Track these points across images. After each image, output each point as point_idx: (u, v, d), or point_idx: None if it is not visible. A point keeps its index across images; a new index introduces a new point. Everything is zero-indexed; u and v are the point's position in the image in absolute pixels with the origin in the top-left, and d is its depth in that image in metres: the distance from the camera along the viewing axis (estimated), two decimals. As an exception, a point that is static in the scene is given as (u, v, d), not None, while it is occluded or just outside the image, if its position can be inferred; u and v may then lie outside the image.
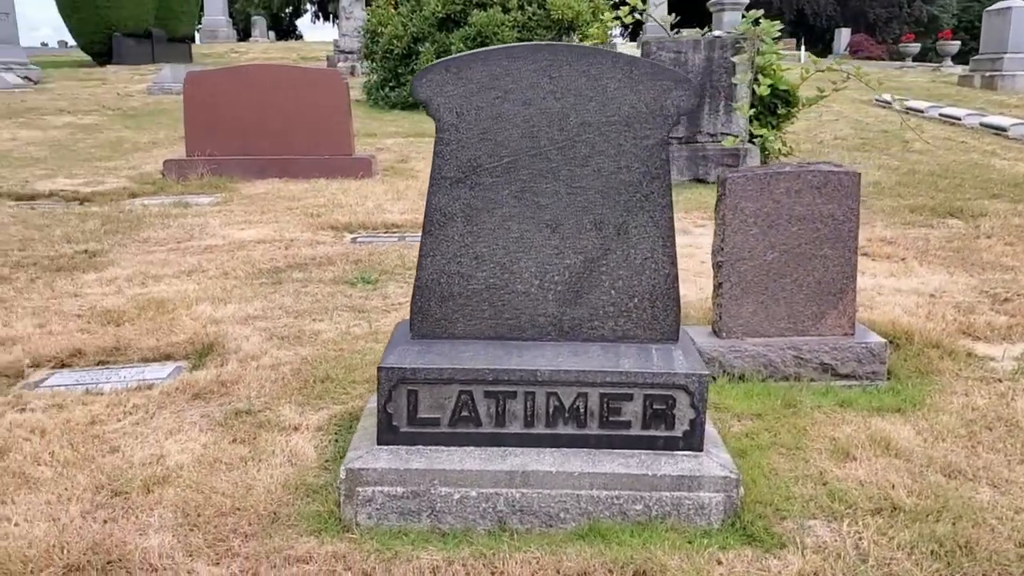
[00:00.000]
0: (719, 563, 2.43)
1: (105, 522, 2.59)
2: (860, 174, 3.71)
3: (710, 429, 2.85)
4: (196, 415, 3.33)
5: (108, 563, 2.39)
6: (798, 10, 46.43)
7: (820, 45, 44.49)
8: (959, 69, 24.26)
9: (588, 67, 2.57)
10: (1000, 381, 3.67)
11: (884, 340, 3.77)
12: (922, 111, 13.96)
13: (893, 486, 2.78)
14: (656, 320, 2.74)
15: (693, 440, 2.68)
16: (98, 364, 3.99)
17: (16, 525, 2.56)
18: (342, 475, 2.63)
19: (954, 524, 2.56)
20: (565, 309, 2.73)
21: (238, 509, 2.66)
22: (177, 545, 2.48)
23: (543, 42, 2.53)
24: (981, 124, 12.52)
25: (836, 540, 2.52)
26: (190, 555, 2.44)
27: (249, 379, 3.65)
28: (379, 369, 2.66)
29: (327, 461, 2.95)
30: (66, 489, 2.76)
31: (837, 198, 3.70)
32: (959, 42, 30.25)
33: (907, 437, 3.12)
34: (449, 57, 2.58)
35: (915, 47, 30.66)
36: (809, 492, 2.78)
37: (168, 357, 4.04)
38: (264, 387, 3.58)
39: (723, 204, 3.72)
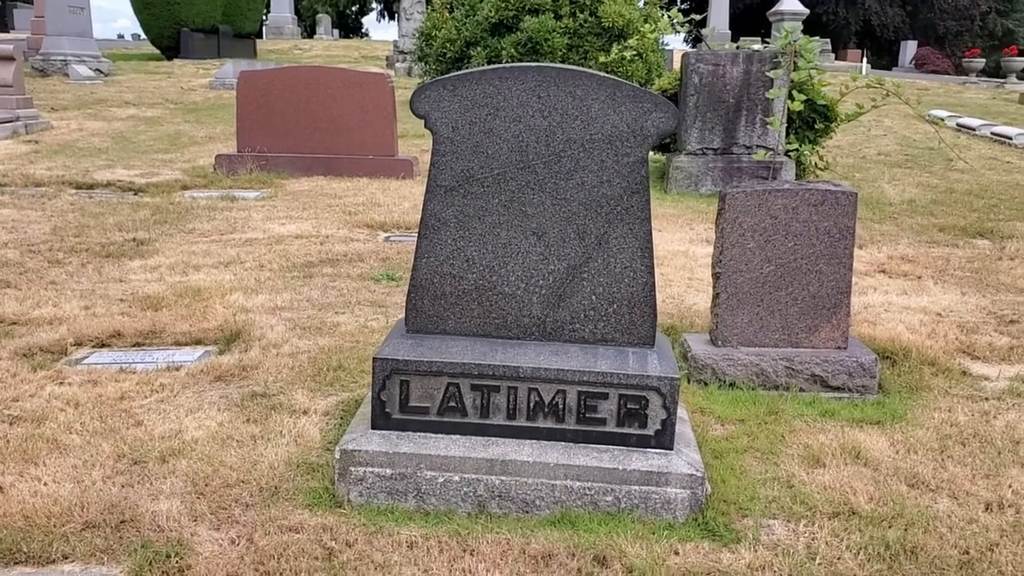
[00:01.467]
0: (676, 553, 2.61)
1: (123, 487, 2.87)
2: (856, 194, 3.85)
3: (683, 429, 3.03)
4: (216, 396, 3.60)
5: (121, 522, 2.66)
6: (865, 21, 45.71)
7: (887, 57, 43.78)
8: (1023, 87, 23.79)
9: (574, 88, 2.77)
10: (987, 400, 3.77)
11: (875, 355, 3.89)
12: (974, 129, 13.80)
13: (855, 492, 2.92)
14: (633, 325, 2.93)
15: (664, 439, 2.86)
16: (134, 346, 4.30)
17: (45, 485, 2.85)
18: (337, 455, 2.87)
19: (905, 530, 2.70)
20: (548, 311, 2.93)
21: (242, 482, 2.92)
22: (184, 510, 2.74)
23: (533, 64, 2.73)
24: (1032, 144, 12.38)
25: (790, 539, 2.68)
26: (194, 520, 2.70)
27: (268, 365, 3.92)
28: (374, 360, 2.89)
29: (329, 443, 3.19)
30: (92, 456, 3.05)
31: (834, 216, 3.84)
32: (1026, 58, 29.56)
33: (879, 448, 3.26)
34: (446, 76, 2.80)
35: (979, 62, 30.04)
36: (774, 494, 2.94)
37: (199, 342, 4.33)
38: (281, 373, 3.84)
39: (723, 218, 3.89)
